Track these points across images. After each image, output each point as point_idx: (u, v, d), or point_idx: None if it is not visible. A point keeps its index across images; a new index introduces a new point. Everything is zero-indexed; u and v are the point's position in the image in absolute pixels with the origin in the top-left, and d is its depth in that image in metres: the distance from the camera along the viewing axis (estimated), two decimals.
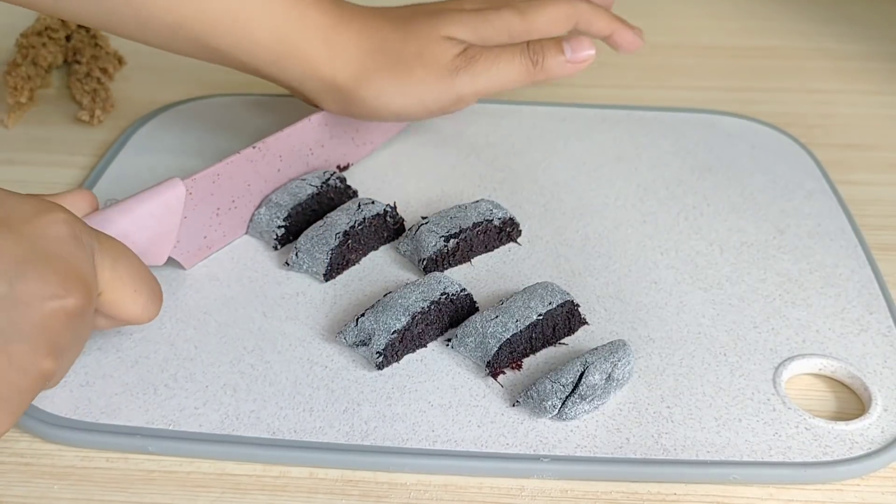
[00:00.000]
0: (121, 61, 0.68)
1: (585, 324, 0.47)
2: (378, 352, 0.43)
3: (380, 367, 0.44)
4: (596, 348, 0.43)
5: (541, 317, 0.44)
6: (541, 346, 0.45)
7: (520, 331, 0.44)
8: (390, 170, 0.58)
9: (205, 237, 0.50)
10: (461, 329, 0.45)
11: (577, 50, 0.53)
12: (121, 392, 0.42)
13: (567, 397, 0.41)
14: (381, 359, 0.43)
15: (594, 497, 0.39)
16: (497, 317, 0.44)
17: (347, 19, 0.52)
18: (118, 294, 0.38)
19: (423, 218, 0.51)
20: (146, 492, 0.39)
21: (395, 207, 0.52)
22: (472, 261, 0.51)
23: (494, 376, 0.44)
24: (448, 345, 0.45)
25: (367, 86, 0.51)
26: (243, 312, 0.47)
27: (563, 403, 0.41)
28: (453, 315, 0.46)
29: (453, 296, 0.46)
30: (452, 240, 0.49)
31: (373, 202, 0.51)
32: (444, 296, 0.45)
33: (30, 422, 0.41)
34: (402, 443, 0.40)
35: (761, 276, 0.50)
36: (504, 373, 0.44)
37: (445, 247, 0.49)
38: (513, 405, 0.42)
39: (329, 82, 0.51)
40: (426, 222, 0.50)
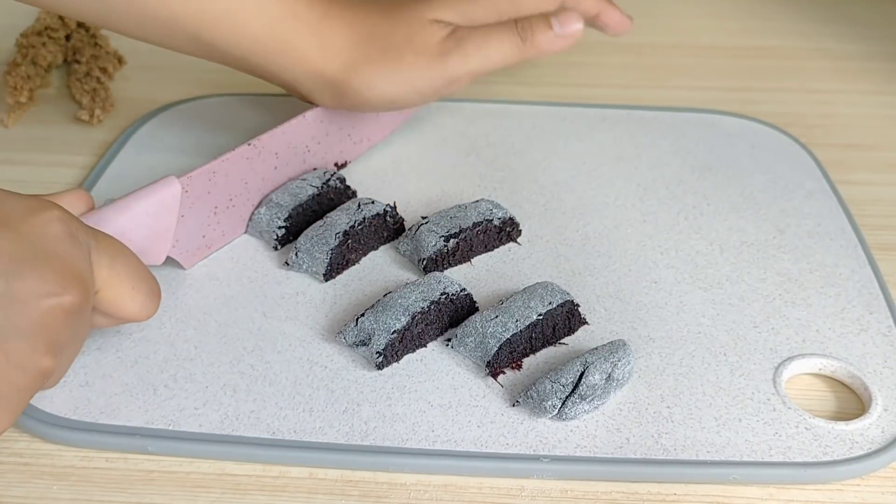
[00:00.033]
0: (121, 61, 0.68)
1: (585, 324, 0.47)
2: (378, 352, 0.43)
3: (380, 367, 0.44)
4: (596, 348, 0.43)
5: (541, 317, 0.44)
6: (541, 345, 0.45)
7: (520, 331, 0.44)
8: (390, 170, 0.58)
9: (203, 236, 0.50)
10: (461, 329, 0.45)
11: (565, 24, 0.53)
12: (120, 392, 0.42)
13: (567, 397, 0.41)
14: (380, 359, 0.43)
15: (594, 497, 0.39)
16: (497, 317, 0.44)
17: (335, 11, 0.52)
18: (116, 291, 0.38)
19: (423, 218, 0.51)
20: (146, 492, 0.39)
21: (395, 207, 0.52)
22: (472, 261, 0.51)
23: (494, 376, 0.43)
24: (448, 345, 0.45)
25: (359, 76, 0.51)
26: (243, 312, 0.47)
27: (563, 403, 0.41)
28: (453, 315, 0.46)
29: (453, 296, 0.46)
30: (452, 240, 0.49)
31: (373, 202, 0.51)
32: (444, 296, 0.45)
33: (29, 422, 0.41)
34: (401, 443, 0.40)
35: (761, 276, 0.50)
36: (504, 373, 0.44)
37: (445, 247, 0.49)
38: (513, 405, 0.42)
39: (321, 75, 0.52)
40: (426, 222, 0.50)
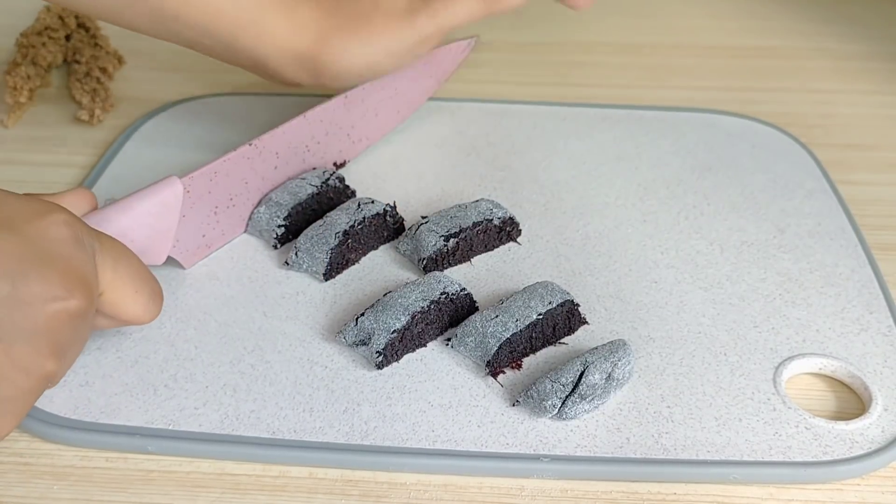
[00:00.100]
0: (120, 61, 0.68)
1: (585, 323, 0.47)
2: (378, 351, 0.43)
3: (380, 366, 0.44)
4: (596, 348, 0.43)
5: (541, 316, 0.44)
6: (541, 345, 0.45)
7: (520, 330, 0.44)
8: (390, 169, 0.58)
9: (203, 236, 0.50)
10: (461, 328, 0.45)
11: None
12: (120, 392, 0.42)
13: (567, 397, 0.41)
14: (380, 358, 0.43)
15: (594, 497, 0.39)
16: (497, 316, 0.44)
17: None
18: (119, 294, 0.38)
19: (423, 217, 0.51)
20: (146, 492, 0.39)
21: (395, 207, 0.52)
22: (472, 260, 0.51)
23: (494, 376, 0.43)
24: (448, 344, 0.45)
25: (331, 48, 0.51)
26: (243, 312, 0.47)
27: (563, 403, 0.41)
28: (453, 314, 0.46)
29: (453, 295, 0.46)
30: (452, 239, 0.49)
31: (372, 202, 0.51)
32: (444, 295, 0.45)
33: (29, 421, 0.41)
34: (401, 442, 0.40)
35: (761, 276, 0.50)
36: (504, 372, 0.44)
37: (445, 246, 0.49)
38: (513, 405, 0.42)
39: (291, 50, 0.51)
40: (426, 222, 0.50)
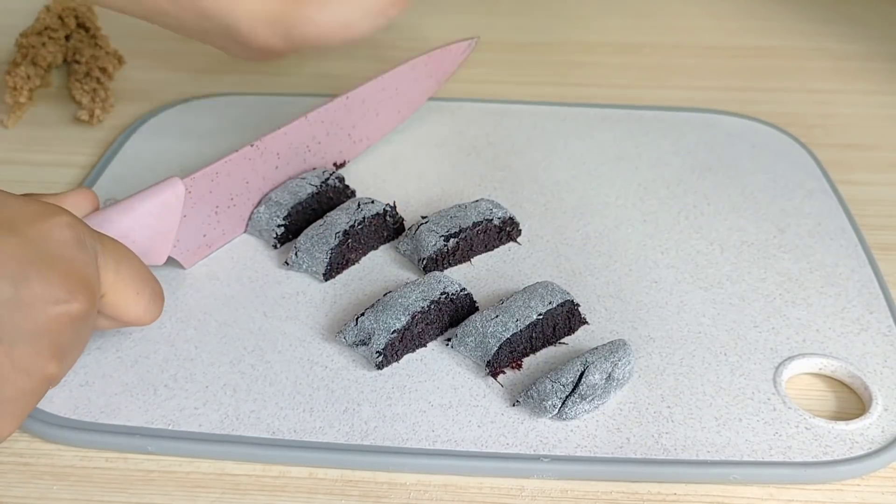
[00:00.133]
0: (120, 61, 0.68)
1: (585, 323, 0.47)
2: (378, 351, 0.43)
3: (380, 366, 0.44)
4: (596, 348, 0.43)
5: (541, 316, 0.44)
6: (541, 345, 0.45)
7: (520, 330, 0.44)
8: (390, 169, 0.58)
9: (204, 236, 0.50)
10: (461, 329, 0.45)
11: None
12: (120, 392, 0.42)
13: (567, 397, 0.41)
14: (380, 358, 0.43)
15: (594, 497, 0.39)
16: (497, 316, 0.44)
17: None
18: (121, 296, 0.38)
19: (423, 217, 0.51)
20: (145, 492, 0.39)
21: (395, 207, 0.52)
22: (472, 260, 0.51)
23: (494, 376, 0.43)
24: (448, 344, 0.45)
25: (303, 7, 0.49)
26: (243, 312, 0.47)
27: (564, 403, 0.41)
28: (453, 314, 0.46)
29: (453, 295, 0.46)
30: (452, 239, 0.49)
31: (372, 202, 0.51)
32: (444, 295, 0.45)
33: (29, 422, 0.41)
34: (402, 443, 0.40)
35: (761, 276, 0.50)
36: (504, 372, 0.44)
37: (445, 246, 0.49)
38: (513, 405, 0.42)
39: (263, 13, 0.49)
40: (426, 222, 0.50)
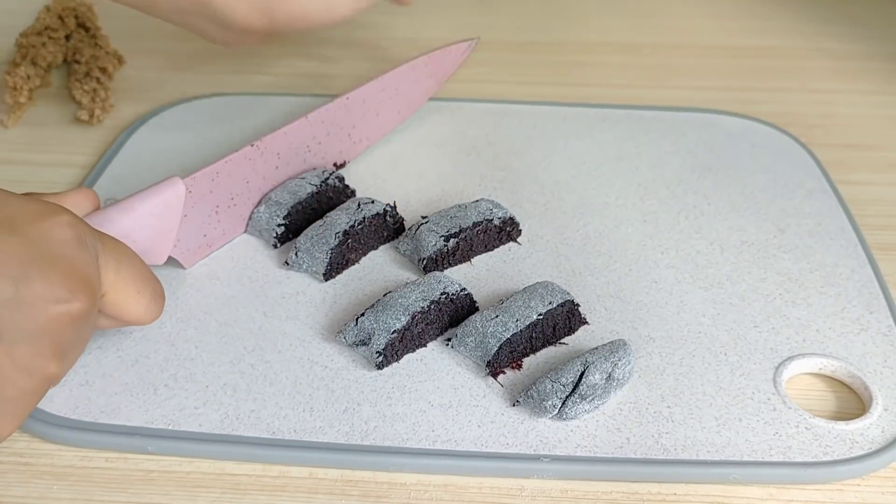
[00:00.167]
0: (120, 61, 0.68)
1: (586, 323, 0.47)
2: (378, 351, 0.43)
3: (380, 366, 0.44)
4: (596, 348, 0.43)
5: (541, 316, 0.44)
6: (541, 345, 0.45)
7: (520, 330, 0.44)
8: (390, 169, 0.58)
9: (204, 235, 0.50)
10: (461, 329, 0.45)
11: None
12: (120, 391, 0.42)
13: (567, 397, 0.41)
14: (380, 358, 0.43)
15: (594, 497, 0.39)
16: (497, 316, 0.44)
17: None
18: (121, 295, 0.38)
19: (423, 217, 0.51)
20: (145, 492, 0.39)
21: (395, 207, 0.52)
22: (472, 260, 0.51)
23: (494, 376, 0.43)
24: (448, 344, 0.45)
25: None
26: (243, 312, 0.47)
27: (564, 403, 0.41)
28: (453, 315, 0.46)
29: (453, 295, 0.46)
30: (452, 239, 0.49)
31: (372, 202, 0.51)
32: (444, 295, 0.45)
33: (29, 421, 0.41)
34: (402, 442, 0.40)
35: (762, 276, 0.50)
36: (504, 372, 0.44)
37: (445, 246, 0.49)
38: (513, 405, 0.42)
39: None
40: (426, 222, 0.50)
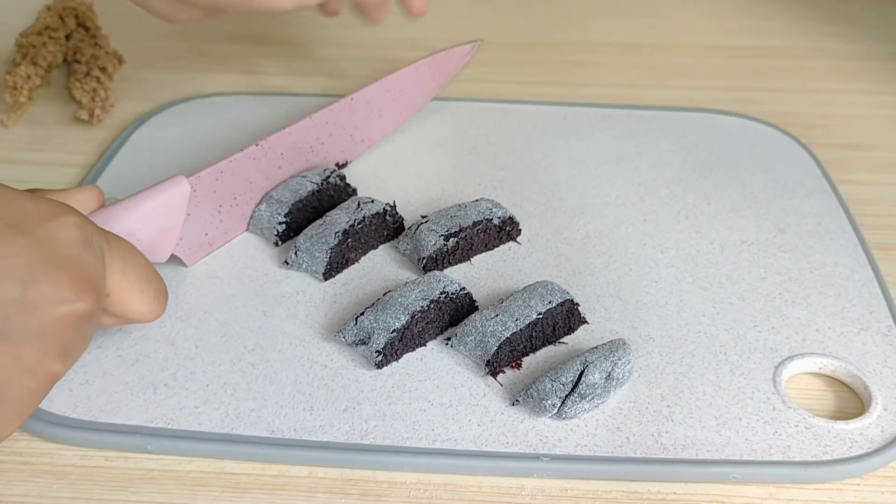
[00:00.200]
0: (120, 60, 0.68)
1: (585, 323, 0.47)
2: (377, 350, 0.43)
3: (379, 365, 0.44)
4: (596, 347, 0.43)
5: (540, 316, 0.44)
6: (540, 344, 0.45)
7: (519, 330, 0.44)
8: (390, 169, 0.58)
9: (206, 234, 0.50)
10: (461, 328, 0.45)
11: None
12: (120, 390, 0.42)
13: (567, 396, 0.41)
14: (380, 357, 0.43)
15: (594, 496, 0.39)
16: (497, 315, 0.44)
17: None
18: (126, 295, 0.38)
19: (423, 217, 0.51)
20: (145, 490, 0.39)
21: (395, 206, 0.52)
22: (472, 260, 0.51)
23: (494, 375, 0.43)
24: (448, 343, 0.45)
25: None
26: (243, 311, 0.47)
27: (563, 402, 0.41)
28: (453, 314, 0.46)
29: (453, 294, 0.46)
30: (452, 239, 0.49)
31: (372, 201, 0.51)
32: (444, 294, 0.45)
33: (29, 421, 0.41)
34: (401, 442, 0.40)
35: (761, 275, 0.50)
36: (504, 372, 0.44)
37: (445, 246, 0.49)
38: (512, 404, 0.42)
39: None
40: (426, 221, 0.50)
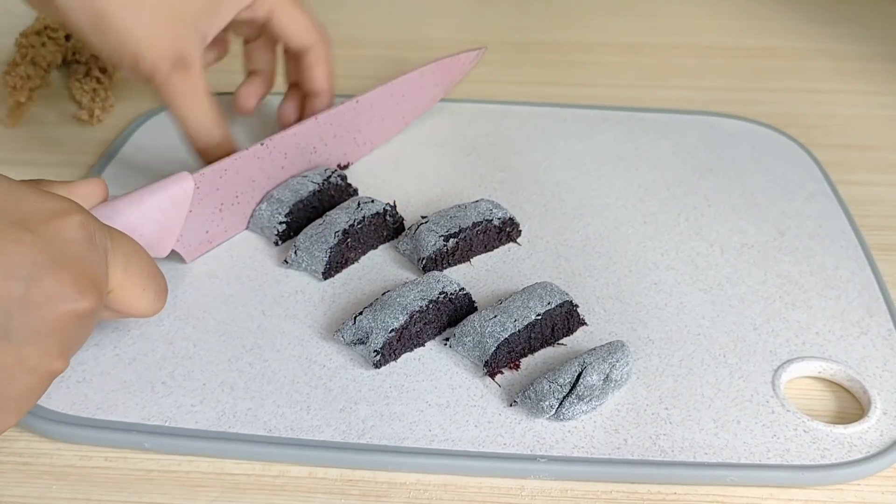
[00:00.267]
0: None
1: (584, 324, 0.47)
2: (376, 350, 0.43)
3: (377, 365, 0.44)
4: (594, 349, 0.43)
5: (539, 317, 0.44)
6: (539, 346, 0.45)
7: (518, 331, 0.44)
8: (390, 169, 0.58)
9: (207, 231, 0.50)
10: (459, 328, 0.45)
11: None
12: (118, 389, 0.42)
13: (564, 397, 0.41)
14: (378, 357, 0.43)
15: (594, 496, 0.39)
16: (495, 316, 0.44)
17: None
18: (127, 293, 0.38)
19: (423, 217, 0.51)
20: (145, 491, 0.39)
21: (395, 206, 0.52)
22: (472, 260, 0.51)
23: (492, 376, 0.43)
24: (446, 344, 0.45)
25: None
26: (242, 310, 0.47)
27: (561, 404, 0.41)
28: (452, 314, 0.46)
29: (452, 295, 0.46)
30: (452, 239, 0.49)
31: (372, 201, 0.51)
32: (443, 295, 0.45)
33: (26, 418, 0.41)
34: (399, 442, 0.40)
35: (761, 278, 0.50)
36: (502, 372, 0.44)
37: (445, 246, 0.49)
38: (510, 405, 0.42)
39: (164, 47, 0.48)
40: (426, 221, 0.50)
